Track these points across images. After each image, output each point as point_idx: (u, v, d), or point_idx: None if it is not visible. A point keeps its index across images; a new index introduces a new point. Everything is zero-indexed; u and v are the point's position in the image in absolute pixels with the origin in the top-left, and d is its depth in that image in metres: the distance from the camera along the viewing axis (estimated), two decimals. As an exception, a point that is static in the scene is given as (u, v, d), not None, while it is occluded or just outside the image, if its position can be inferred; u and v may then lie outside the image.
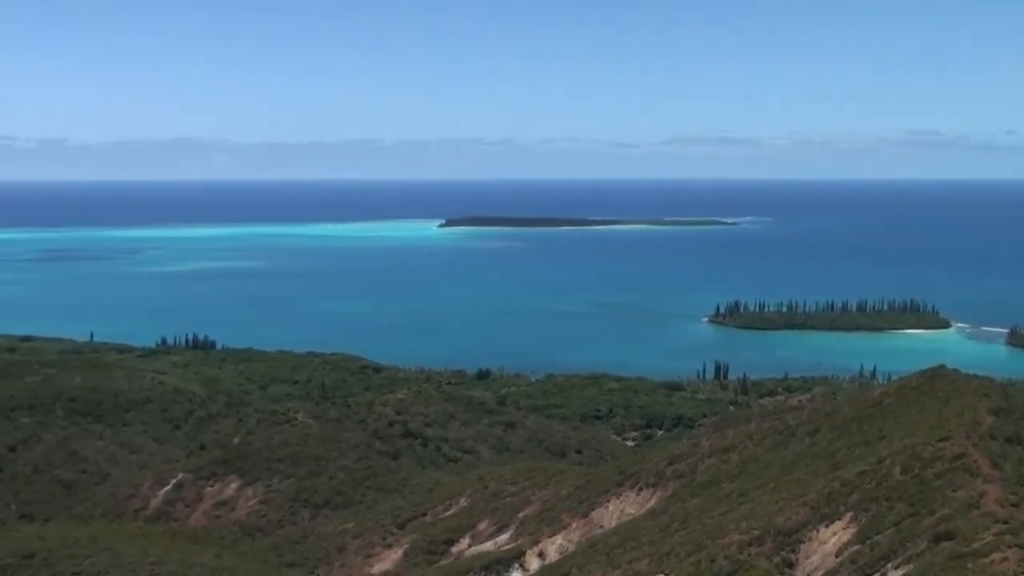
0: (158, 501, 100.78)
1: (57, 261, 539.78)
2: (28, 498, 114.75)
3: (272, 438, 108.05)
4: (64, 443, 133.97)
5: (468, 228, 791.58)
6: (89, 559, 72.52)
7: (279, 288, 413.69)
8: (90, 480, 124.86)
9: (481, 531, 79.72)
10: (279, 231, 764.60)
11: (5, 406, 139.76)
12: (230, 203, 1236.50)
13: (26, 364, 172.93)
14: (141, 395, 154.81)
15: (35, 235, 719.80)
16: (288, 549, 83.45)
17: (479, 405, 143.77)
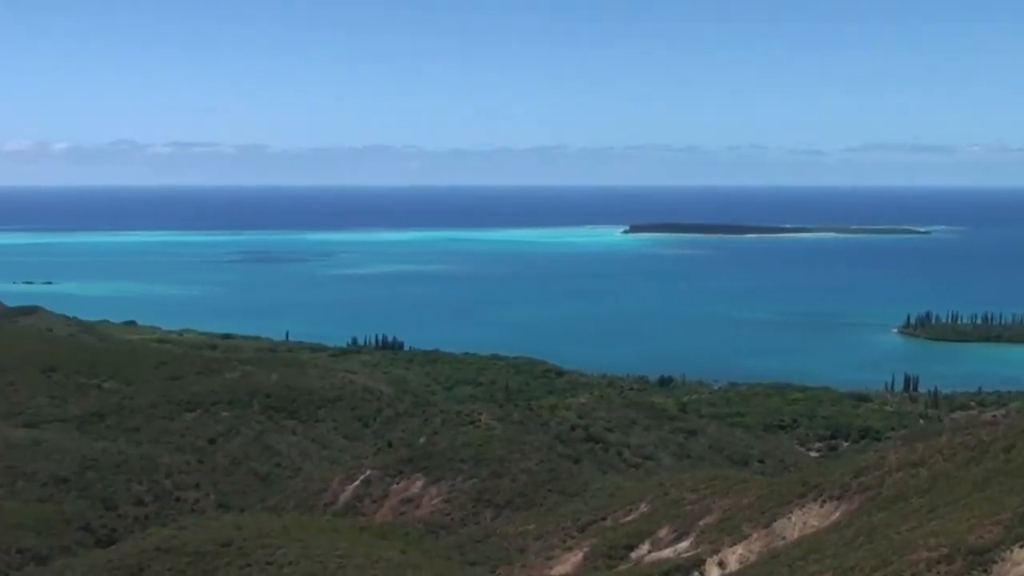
0: (347, 496, 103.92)
1: (256, 263, 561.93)
2: (226, 489, 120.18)
3: (456, 438, 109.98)
4: (260, 437, 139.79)
5: (652, 234, 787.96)
6: (281, 549, 75.44)
7: (465, 292, 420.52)
8: (283, 473, 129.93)
9: (661, 538, 79.42)
10: (466, 236, 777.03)
11: (206, 400, 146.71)
12: (420, 208, 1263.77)
13: (226, 361, 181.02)
14: (332, 393, 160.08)
15: (236, 238, 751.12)
16: (470, 548, 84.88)
17: (661, 411, 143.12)
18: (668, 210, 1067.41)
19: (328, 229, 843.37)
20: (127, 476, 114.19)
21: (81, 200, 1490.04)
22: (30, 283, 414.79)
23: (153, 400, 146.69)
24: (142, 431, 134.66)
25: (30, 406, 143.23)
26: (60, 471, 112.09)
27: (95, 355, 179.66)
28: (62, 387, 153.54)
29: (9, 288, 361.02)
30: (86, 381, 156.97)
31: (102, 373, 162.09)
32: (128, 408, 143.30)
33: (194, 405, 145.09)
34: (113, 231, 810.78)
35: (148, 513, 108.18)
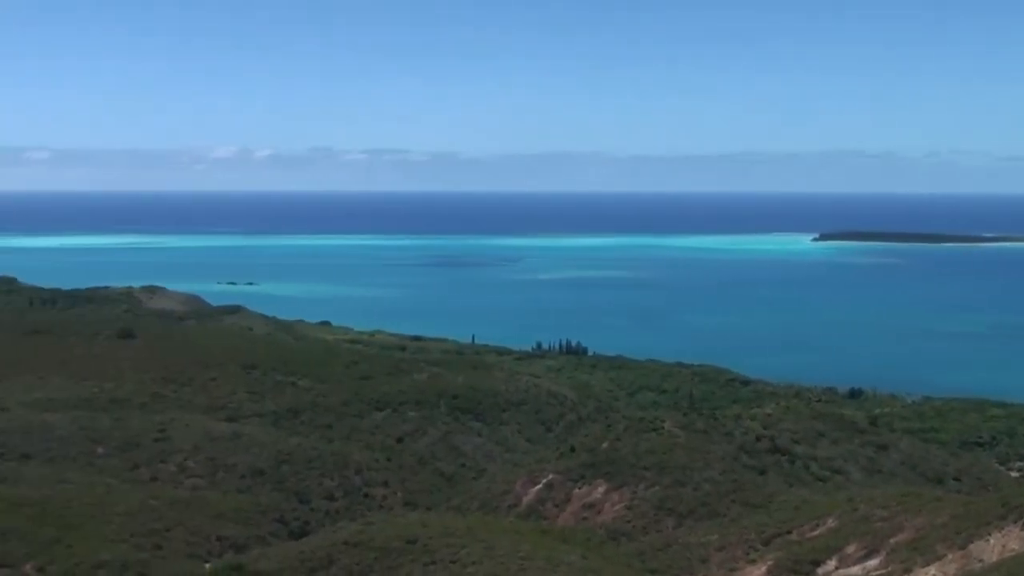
0: (529, 499, 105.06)
1: (445, 267, 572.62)
2: (413, 487, 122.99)
3: (639, 445, 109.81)
4: (446, 437, 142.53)
5: (844, 243, 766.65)
6: (465, 548, 76.92)
7: (649, 298, 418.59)
8: (468, 474, 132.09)
9: (849, 554, 77.59)
10: (652, 242, 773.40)
11: (395, 400, 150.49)
12: (606, 214, 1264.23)
13: (414, 362, 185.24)
14: (517, 396, 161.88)
15: (426, 242, 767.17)
16: (651, 556, 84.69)
17: (850, 424, 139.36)
18: (860, 218, 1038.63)
19: (515, 234, 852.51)
20: (319, 471, 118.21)
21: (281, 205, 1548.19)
22: (233, 283, 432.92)
23: (345, 398, 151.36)
24: (334, 428, 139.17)
25: (231, 401, 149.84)
26: (257, 464, 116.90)
27: (291, 354, 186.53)
28: (260, 383, 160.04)
29: (214, 288, 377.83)
30: (283, 378, 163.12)
31: (297, 371, 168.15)
32: (321, 405, 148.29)
33: (383, 404, 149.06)
34: (310, 235, 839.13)
35: (338, 508, 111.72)
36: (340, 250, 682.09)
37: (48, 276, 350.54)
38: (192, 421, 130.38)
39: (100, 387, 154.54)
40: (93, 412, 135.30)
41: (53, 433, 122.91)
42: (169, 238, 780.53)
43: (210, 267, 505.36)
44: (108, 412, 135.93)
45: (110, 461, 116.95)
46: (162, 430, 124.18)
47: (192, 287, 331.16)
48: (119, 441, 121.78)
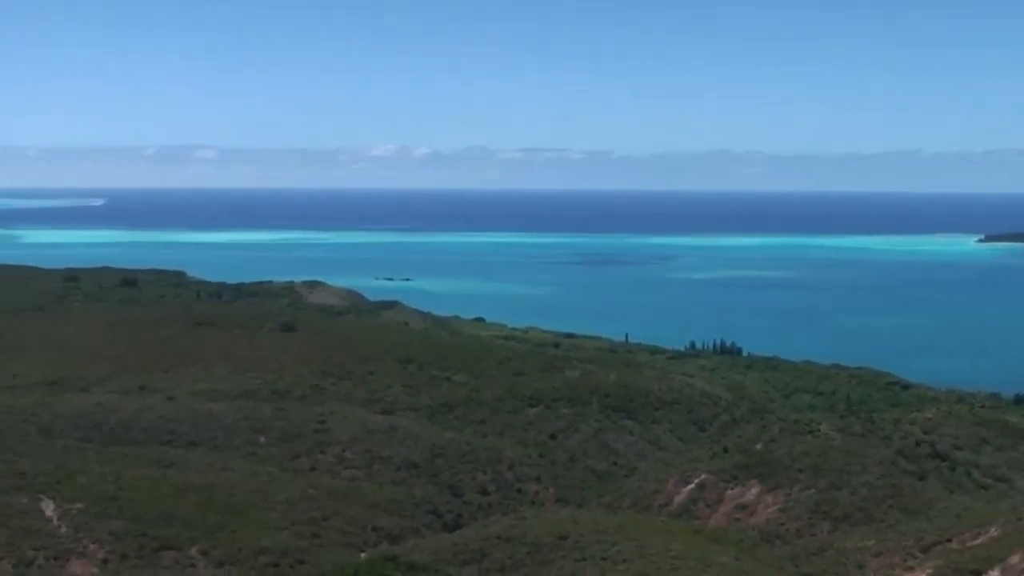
0: (681, 498, 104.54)
1: (598, 265, 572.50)
2: (564, 484, 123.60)
3: (794, 447, 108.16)
4: (598, 435, 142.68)
5: (1012, 244, 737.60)
6: (616, 546, 77.13)
7: (806, 299, 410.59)
8: (619, 472, 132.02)
9: (1013, 565, 75.06)
10: (808, 242, 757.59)
11: (548, 397, 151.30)
12: (762, 213, 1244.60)
13: (567, 359, 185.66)
14: (670, 396, 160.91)
15: (581, 240, 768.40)
16: (805, 560, 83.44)
17: (1015, 431, 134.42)
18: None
19: (669, 233, 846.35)
20: (473, 465, 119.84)
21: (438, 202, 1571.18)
22: (391, 279, 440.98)
23: (498, 394, 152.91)
24: (487, 423, 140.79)
25: (387, 394, 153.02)
26: (412, 457, 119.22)
27: (446, 349, 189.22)
28: (416, 378, 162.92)
29: (372, 284, 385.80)
30: (438, 373, 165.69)
31: (452, 366, 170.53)
32: (475, 401, 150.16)
33: (536, 401, 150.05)
34: (466, 232, 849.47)
35: (491, 502, 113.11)
36: (495, 247, 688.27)
37: (214, 270, 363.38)
38: (350, 413, 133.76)
39: (262, 378, 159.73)
40: (256, 403, 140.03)
41: (218, 422, 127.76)
42: (329, 234, 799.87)
43: (368, 263, 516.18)
44: (270, 403, 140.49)
45: (271, 450, 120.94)
46: (321, 421, 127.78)
47: (351, 282, 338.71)
48: (280, 431, 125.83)
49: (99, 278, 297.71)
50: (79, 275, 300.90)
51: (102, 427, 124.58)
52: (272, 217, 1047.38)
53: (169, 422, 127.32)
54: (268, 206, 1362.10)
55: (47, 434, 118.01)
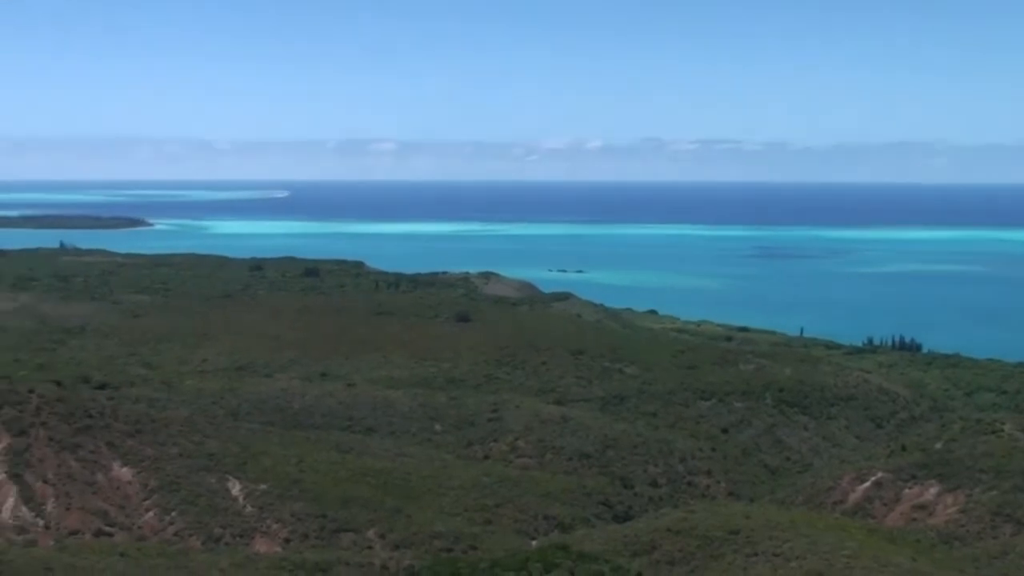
0: (856, 496, 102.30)
1: (773, 258, 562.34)
2: (736, 478, 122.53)
3: (976, 447, 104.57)
4: (771, 430, 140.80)
5: None
6: (788, 543, 76.17)
7: (993, 294, 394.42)
8: (792, 468, 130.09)
9: None
10: (995, 236, 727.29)
11: (721, 390, 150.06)
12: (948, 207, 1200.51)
13: (741, 353, 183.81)
14: (846, 391, 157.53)
15: (756, 232, 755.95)
16: (986, 563, 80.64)
17: None
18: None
19: (847, 226, 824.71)
20: (644, 457, 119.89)
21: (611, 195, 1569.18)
22: (564, 271, 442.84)
23: (670, 387, 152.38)
24: (659, 416, 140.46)
25: (560, 385, 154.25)
26: (584, 447, 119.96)
27: (618, 341, 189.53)
28: (588, 369, 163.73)
29: (546, 275, 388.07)
30: (610, 365, 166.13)
31: (624, 358, 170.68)
32: (647, 393, 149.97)
33: (709, 394, 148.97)
34: (640, 224, 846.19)
35: (662, 495, 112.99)
36: (668, 239, 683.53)
37: (392, 261, 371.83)
38: (523, 403, 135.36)
39: (438, 367, 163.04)
40: (431, 391, 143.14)
41: (395, 409, 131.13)
42: (504, 226, 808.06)
43: (542, 255, 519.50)
44: (445, 391, 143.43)
45: (446, 438, 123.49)
46: (495, 410, 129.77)
47: (525, 274, 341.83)
48: (455, 419, 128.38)
49: (283, 267, 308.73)
50: (264, 264, 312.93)
51: (285, 411, 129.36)
52: (448, 209, 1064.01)
53: (349, 408, 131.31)
54: (444, 198, 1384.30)
55: (234, 417, 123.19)
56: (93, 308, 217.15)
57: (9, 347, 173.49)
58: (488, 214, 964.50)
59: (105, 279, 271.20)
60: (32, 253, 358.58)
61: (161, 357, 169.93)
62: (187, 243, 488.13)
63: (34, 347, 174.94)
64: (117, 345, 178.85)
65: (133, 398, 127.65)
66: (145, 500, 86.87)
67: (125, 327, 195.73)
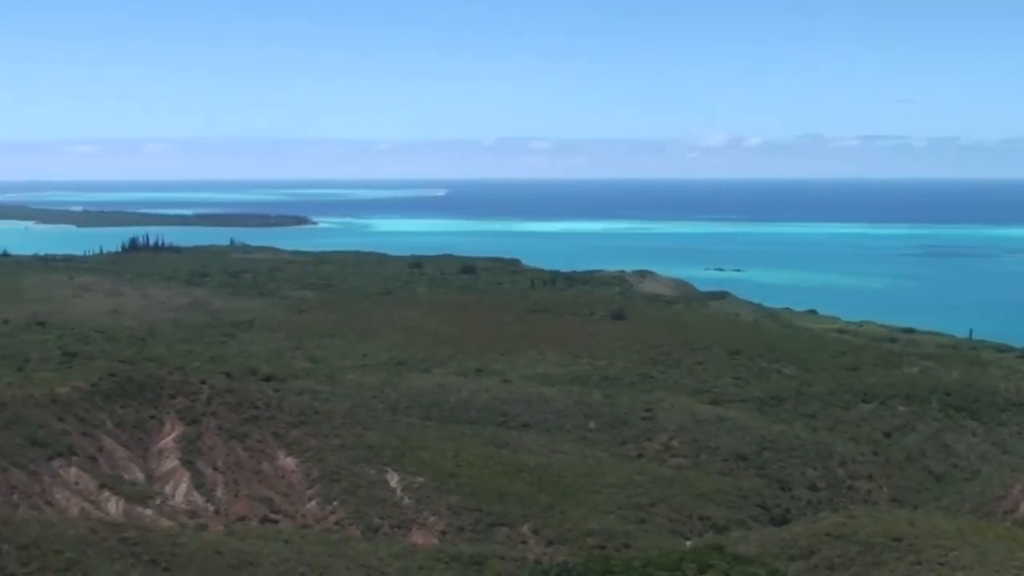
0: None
1: (940, 256, 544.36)
2: (899, 483, 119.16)
3: None
4: (937, 435, 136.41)
5: None
6: (954, 551, 73.76)
7: None
8: (959, 474, 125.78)
9: None
10: None
11: (883, 393, 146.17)
12: None
13: (904, 355, 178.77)
14: (1018, 396, 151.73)
15: (920, 231, 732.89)
16: None
17: None
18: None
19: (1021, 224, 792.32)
20: (802, 460, 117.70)
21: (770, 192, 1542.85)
22: (721, 270, 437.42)
23: (830, 388, 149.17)
24: (818, 418, 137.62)
25: (716, 385, 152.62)
26: (740, 448, 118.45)
27: (776, 341, 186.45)
28: (745, 369, 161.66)
29: (702, 274, 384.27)
30: (767, 365, 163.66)
31: (782, 359, 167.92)
32: (806, 394, 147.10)
33: (870, 397, 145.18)
34: (799, 222, 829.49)
35: (820, 498, 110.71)
36: (830, 238, 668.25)
37: (548, 259, 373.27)
38: (678, 402, 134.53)
39: (593, 365, 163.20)
40: (586, 388, 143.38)
41: (550, 405, 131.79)
42: (660, 224, 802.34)
43: (698, 253, 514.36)
44: (600, 389, 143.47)
45: (600, 435, 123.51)
46: (649, 409, 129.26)
47: (681, 272, 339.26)
48: (609, 417, 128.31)
49: (441, 265, 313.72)
50: (423, 262, 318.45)
51: (442, 406, 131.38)
52: (603, 207, 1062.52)
53: (504, 404, 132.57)
54: (599, 196, 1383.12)
55: (393, 411, 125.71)
56: (261, 303, 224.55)
57: (183, 340, 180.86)
58: (644, 212, 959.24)
59: (272, 275, 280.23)
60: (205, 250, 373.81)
61: (324, 351, 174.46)
62: (349, 241, 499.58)
63: (206, 340, 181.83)
64: (283, 339, 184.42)
65: (298, 390, 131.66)
66: (308, 489, 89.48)
67: (291, 322, 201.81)
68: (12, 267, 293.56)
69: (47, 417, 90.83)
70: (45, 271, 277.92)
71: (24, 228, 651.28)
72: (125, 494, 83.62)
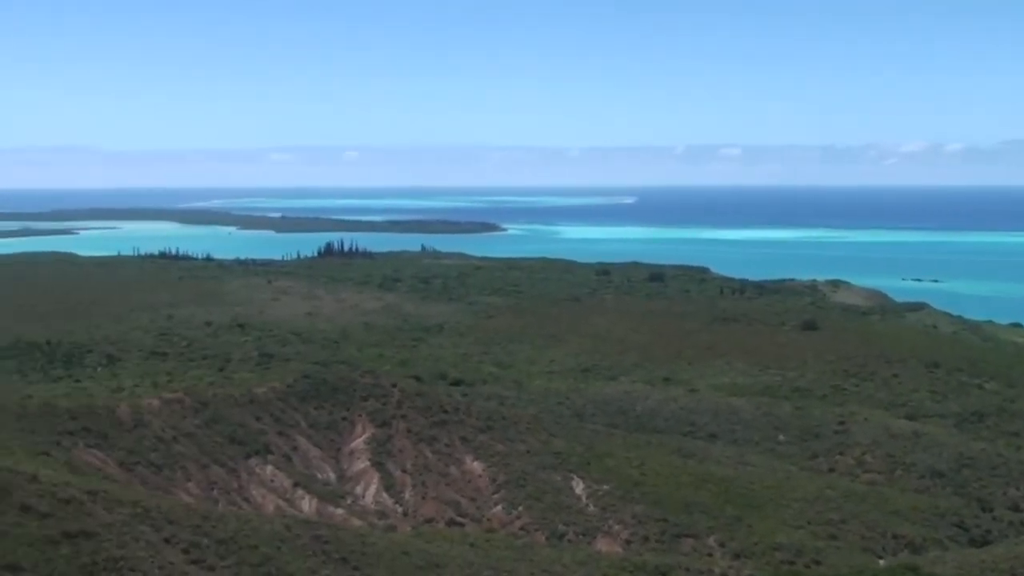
0: None
1: None
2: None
3: None
4: None
5: None
6: None
7: None
8: None
9: None
10: None
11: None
12: None
13: None
14: None
15: None
16: None
17: None
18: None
19: None
20: (1004, 479, 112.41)
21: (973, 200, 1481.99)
22: (919, 280, 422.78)
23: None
24: (1022, 435, 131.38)
25: (912, 399, 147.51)
26: (937, 465, 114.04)
27: (977, 354, 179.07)
28: (943, 383, 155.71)
29: (898, 284, 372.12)
30: (967, 380, 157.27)
31: (984, 373, 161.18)
32: (1009, 411, 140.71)
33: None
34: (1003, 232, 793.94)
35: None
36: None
37: (736, 267, 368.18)
38: (872, 416, 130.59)
39: (783, 376, 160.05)
40: (775, 399, 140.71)
41: (738, 416, 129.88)
42: (854, 233, 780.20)
43: (895, 263, 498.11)
44: (790, 400, 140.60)
45: (790, 448, 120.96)
46: (841, 422, 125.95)
47: (876, 282, 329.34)
48: (799, 430, 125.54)
49: (628, 272, 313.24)
50: (610, 269, 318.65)
51: (628, 414, 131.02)
52: (795, 215, 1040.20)
53: (691, 413, 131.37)
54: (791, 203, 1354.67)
55: (579, 417, 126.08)
56: (450, 308, 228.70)
57: (375, 343, 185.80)
58: (838, 220, 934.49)
59: (462, 281, 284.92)
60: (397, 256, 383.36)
61: (512, 357, 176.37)
62: (537, 247, 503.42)
63: (397, 344, 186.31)
64: (471, 344, 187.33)
65: (485, 395, 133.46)
66: (494, 494, 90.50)
67: (479, 327, 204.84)
68: (216, 271, 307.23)
69: (245, 416, 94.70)
70: (246, 275, 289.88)
71: (227, 233, 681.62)
72: (318, 493, 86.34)
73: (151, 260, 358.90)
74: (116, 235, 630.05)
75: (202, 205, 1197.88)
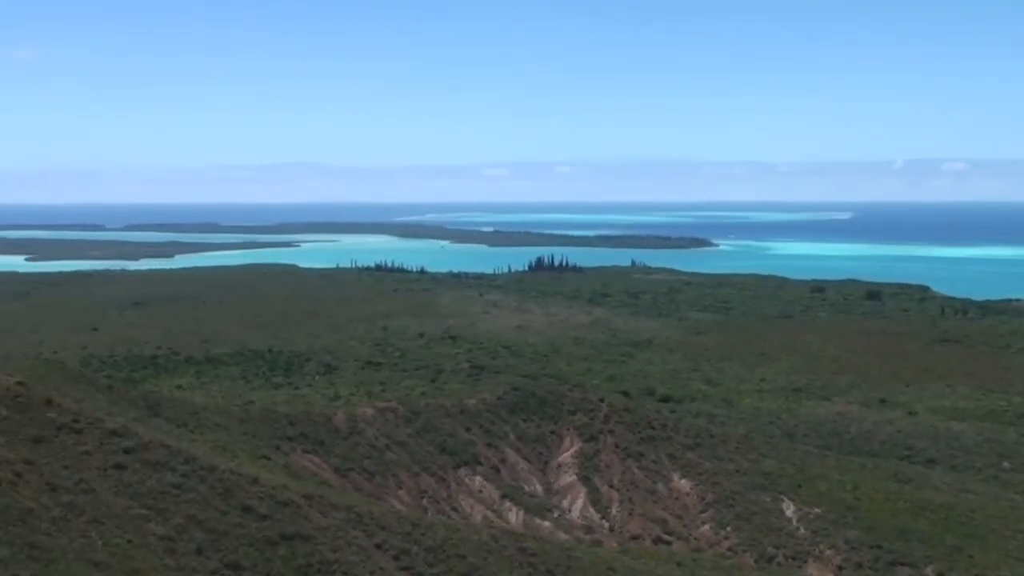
0: None
1: None
2: None
3: None
4: None
5: None
6: None
7: None
8: None
9: None
10: None
11: None
12: None
13: None
14: None
15: None
16: None
17: None
18: None
19: None
20: None
21: None
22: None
23: None
24: None
25: None
26: None
27: None
28: None
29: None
30: None
31: None
32: None
33: None
34: None
35: None
36: None
37: (958, 286, 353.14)
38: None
39: (1008, 400, 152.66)
40: (999, 425, 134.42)
41: (959, 441, 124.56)
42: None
43: None
44: (1015, 427, 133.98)
45: (1015, 476, 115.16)
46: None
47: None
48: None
49: (844, 290, 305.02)
50: (825, 286, 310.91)
51: (842, 436, 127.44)
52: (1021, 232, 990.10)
53: (908, 437, 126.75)
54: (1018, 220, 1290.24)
55: (790, 438, 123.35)
56: (659, 324, 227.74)
57: (584, 357, 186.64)
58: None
59: (671, 296, 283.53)
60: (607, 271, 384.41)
61: (721, 374, 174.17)
62: (748, 263, 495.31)
63: (605, 358, 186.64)
64: (680, 360, 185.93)
65: (694, 412, 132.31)
66: (701, 513, 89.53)
67: (688, 343, 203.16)
68: (429, 283, 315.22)
69: (456, 427, 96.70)
70: (458, 288, 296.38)
71: (440, 247, 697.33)
72: (525, 505, 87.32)
73: (368, 272, 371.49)
74: (335, 248, 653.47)
75: (416, 219, 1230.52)
